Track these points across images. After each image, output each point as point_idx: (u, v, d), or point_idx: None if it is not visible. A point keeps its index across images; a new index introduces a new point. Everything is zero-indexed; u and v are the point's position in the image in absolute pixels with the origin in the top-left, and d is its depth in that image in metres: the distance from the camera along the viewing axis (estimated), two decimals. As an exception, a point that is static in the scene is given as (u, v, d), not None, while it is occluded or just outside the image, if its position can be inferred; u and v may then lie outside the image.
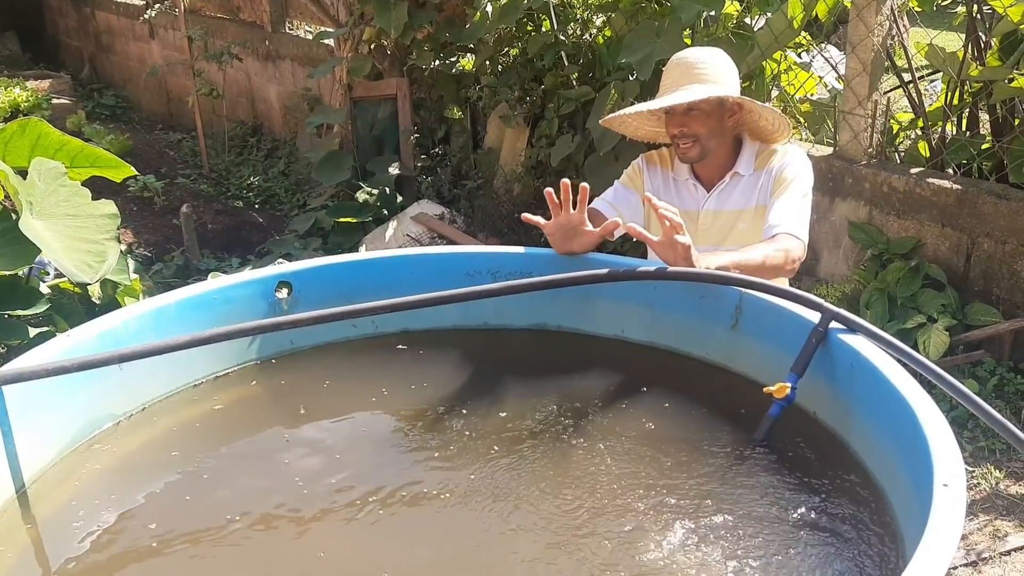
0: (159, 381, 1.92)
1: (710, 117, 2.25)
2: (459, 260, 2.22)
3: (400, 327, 2.19)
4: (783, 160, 2.29)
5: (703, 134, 2.26)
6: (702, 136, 2.26)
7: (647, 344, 2.11)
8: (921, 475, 1.34)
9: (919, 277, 3.46)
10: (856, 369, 1.65)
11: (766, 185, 2.29)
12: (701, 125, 2.25)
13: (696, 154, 2.28)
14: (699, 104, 2.23)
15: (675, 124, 2.26)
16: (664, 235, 1.92)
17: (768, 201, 2.27)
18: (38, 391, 1.64)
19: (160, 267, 5.10)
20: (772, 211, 2.22)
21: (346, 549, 1.53)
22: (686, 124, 2.25)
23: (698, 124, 2.24)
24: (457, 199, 5.39)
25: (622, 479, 1.65)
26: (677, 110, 2.25)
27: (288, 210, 6.13)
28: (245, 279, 2.09)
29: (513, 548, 1.50)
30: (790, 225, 2.16)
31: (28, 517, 1.58)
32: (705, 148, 2.28)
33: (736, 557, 1.44)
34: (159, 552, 1.52)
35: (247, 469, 1.77)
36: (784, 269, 2.08)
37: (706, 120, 2.25)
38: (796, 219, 2.19)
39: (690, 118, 2.24)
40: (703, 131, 2.25)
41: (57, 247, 2.55)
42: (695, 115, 2.24)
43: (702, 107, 2.24)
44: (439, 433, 1.83)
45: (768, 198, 2.27)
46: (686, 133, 2.25)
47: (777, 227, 2.16)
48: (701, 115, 2.25)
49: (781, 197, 2.22)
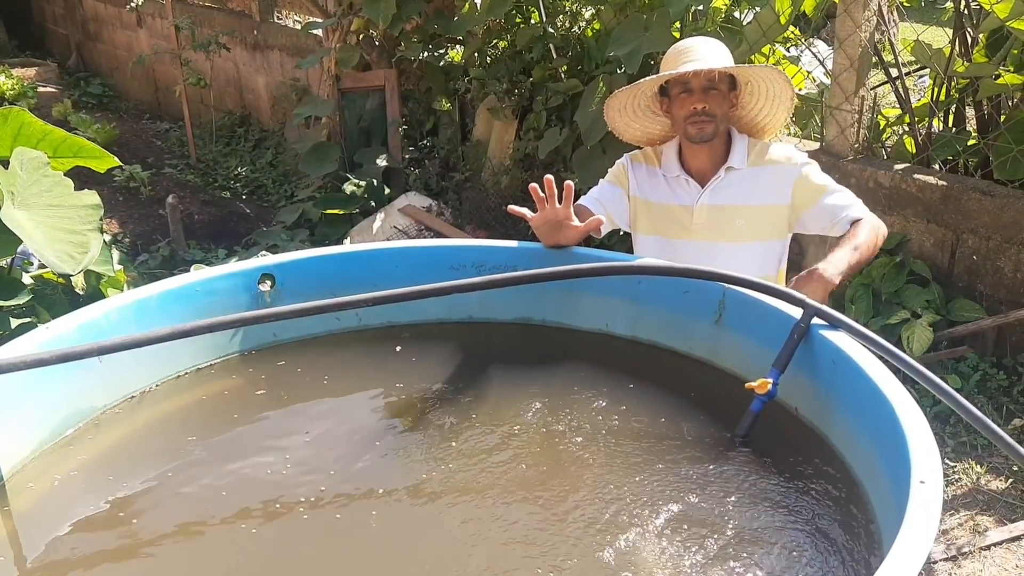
0: (140, 373, 1.91)
1: (724, 100, 2.28)
2: (444, 253, 2.22)
3: (384, 320, 2.19)
4: (788, 156, 2.30)
5: (719, 115, 2.27)
6: (718, 116, 2.26)
7: (631, 338, 2.12)
8: (899, 471, 1.35)
9: (904, 273, 3.48)
10: (837, 365, 1.66)
11: (779, 187, 2.28)
12: (718, 105, 2.26)
13: (711, 131, 2.27)
14: (719, 83, 2.24)
15: (696, 100, 2.25)
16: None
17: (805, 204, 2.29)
18: (16, 383, 1.63)
19: (146, 258, 5.07)
20: (829, 203, 2.24)
21: (327, 543, 1.53)
22: (706, 101, 2.24)
23: (716, 104, 2.25)
24: (445, 191, 5.38)
25: (604, 473, 1.65)
26: (697, 87, 2.24)
27: (275, 201, 6.10)
28: (227, 271, 2.08)
29: (493, 543, 1.50)
30: (857, 209, 2.22)
31: (6, 509, 1.57)
32: (718, 129, 2.28)
33: (716, 551, 1.45)
34: (139, 545, 1.52)
35: (228, 462, 1.76)
36: (879, 245, 2.18)
37: (723, 101, 2.27)
38: (855, 200, 2.25)
39: (710, 96, 2.24)
40: (720, 112, 2.26)
41: (39, 238, 2.53)
42: (714, 94, 2.25)
43: (721, 87, 2.26)
44: (423, 426, 1.83)
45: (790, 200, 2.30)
46: (706, 111, 2.25)
47: (850, 210, 2.21)
48: (719, 95, 2.26)
49: (827, 192, 2.26)
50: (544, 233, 2.09)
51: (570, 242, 2.10)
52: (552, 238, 2.10)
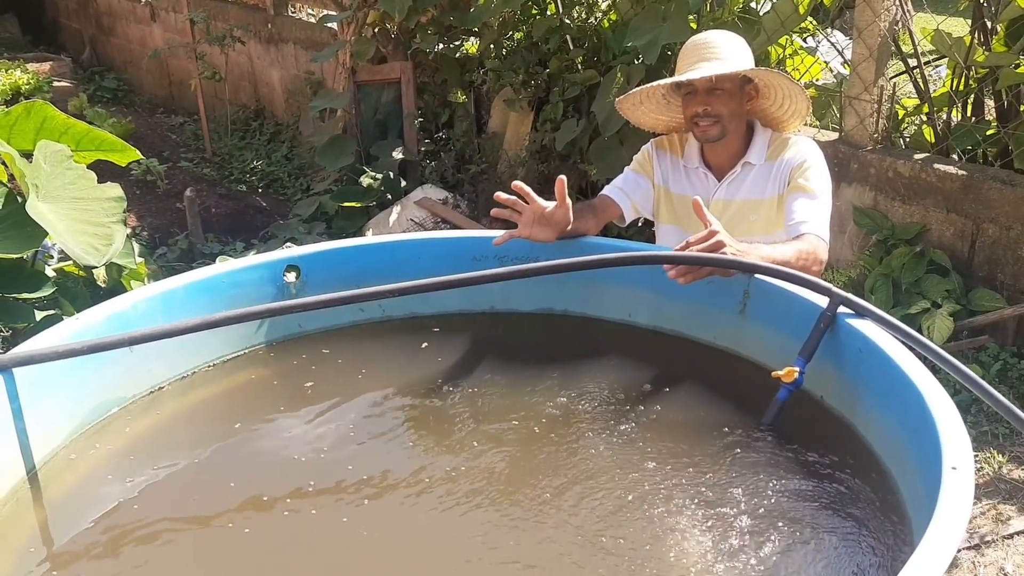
0: (168, 364, 1.93)
1: (732, 98, 2.24)
2: (466, 244, 2.22)
3: (407, 311, 2.20)
4: (799, 152, 2.27)
5: (725, 115, 2.24)
6: (724, 116, 2.24)
7: (654, 329, 2.12)
8: (929, 458, 1.35)
9: (924, 263, 3.46)
10: (864, 353, 1.66)
11: (781, 176, 2.27)
12: (724, 105, 2.23)
13: (717, 132, 2.25)
14: (723, 83, 2.21)
15: (698, 103, 2.24)
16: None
17: (786, 193, 2.25)
18: (48, 374, 1.65)
19: (164, 251, 5.09)
20: (796, 207, 2.19)
21: (353, 533, 1.54)
22: (709, 103, 2.22)
23: (721, 104, 2.23)
24: (461, 184, 5.38)
25: (628, 464, 1.65)
26: (701, 88, 2.23)
27: (292, 194, 6.12)
28: (253, 263, 2.10)
29: (515, 534, 1.51)
30: (816, 226, 2.14)
31: (38, 499, 1.59)
32: (725, 129, 2.25)
33: (743, 542, 1.45)
34: (167, 534, 1.53)
35: (255, 452, 1.78)
36: (811, 271, 2.05)
37: (729, 100, 2.23)
38: (821, 219, 2.17)
39: (714, 97, 2.22)
40: (725, 111, 2.24)
41: (63, 230, 2.55)
42: (719, 95, 2.22)
43: (726, 86, 2.22)
44: (446, 418, 1.84)
45: (784, 188, 2.26)
46: (709, 112, 2.23)
47: (804, 225, 2.14)
48: (724, 95, 2.23)
49: (805, 194, 2.20)
50: (537, 234, 2.08)
51: (564, 224, 2.09)
52: (547, 233, 2.09)
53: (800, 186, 2.21)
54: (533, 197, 2.06)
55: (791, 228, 2.16)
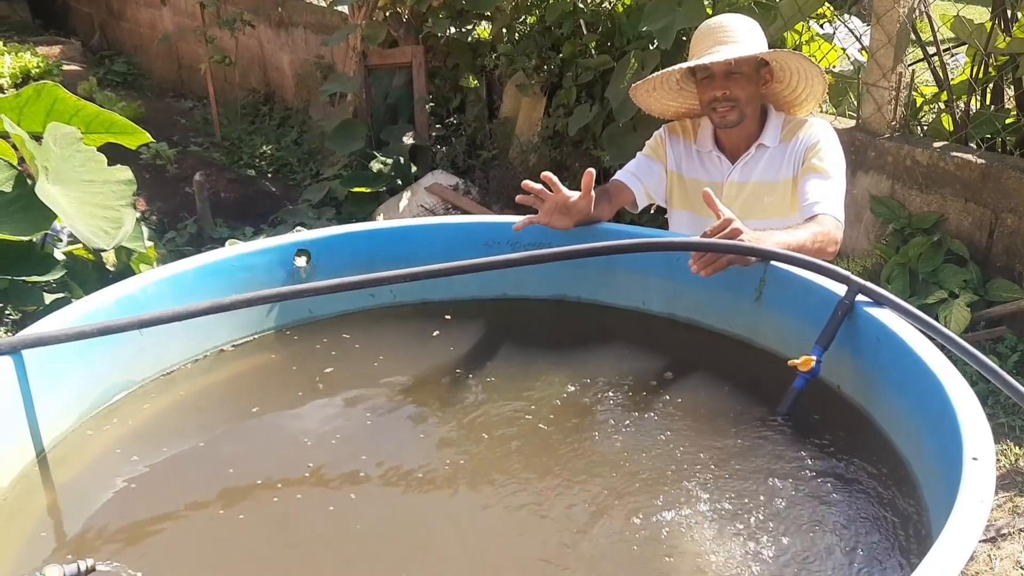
0: (178, 348, 1.91)
1: (750, 82, 2.21)
2: (479, 230, 2.20)
3: (419, 297, 2.18)
4: (814, 133, 2.24)
5: (743, 99, 2.21)
6: (741, 101, 2.21)
7: (668, 316, 2.10)
8: (949, 448, 1.33)
9: (941, 252, 3.42)
10: (882, 342, 1.63)
11: (795, 157, 2.24)
12: (742, 89, 2.20)
13: (735, 118, 2.23)
14: (741, 67, 2.19)
15: (716, 87, 2.21)
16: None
17: (800, 174, 2.22)
18: (57, 356, 1.64)
19: (173, 235, 5.09)
20: (809, 188, 2.16)
21: (365, 517, 1.53)
22: (728, 87, 2.20)
23: (739, 88, 2.20)
24: (472, 169, 5.35)
25: (640, 452, 1.63)
26: (719, 72, 2.20)
27: (301, 179, 6.10)
28: (264, 246, 2.08)
29: (528, 519, 1.49)
30: (830, 206, 2.12)
31: (47, 481, 1.58)
32: (743, 113, 2.23)
33: (756, 532, 1.43)
34: (176, 517, 1.52)
35: (265, 436, 1.77)
36: (827, 252, 2.03)
37: (746, 84, 2.21)
38: (835, 200, 2.15)
39: (732, 81, 2.20)
40: (743, 95, 2.21)
41: (73, 213, 2.54)
42: (736, 78, 2.20)
43: (744, 70, 2.20)
44: (458, 404, 1.82)
45: (798, 169, 2.23)
46: (728, 96, 2.20)
47: (818, 205, 2.11)
48: (742, 79, 2.20)
49: (819, 175, 2.17)
50: (556, 222, 2.08)
51: (584, 215, 2.08)
52: (565, 222, 2.08)
53: (814, 167, 2.19)
54: (559, 187, 2.06)
55: (805, 209, 2.13)
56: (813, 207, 2.11)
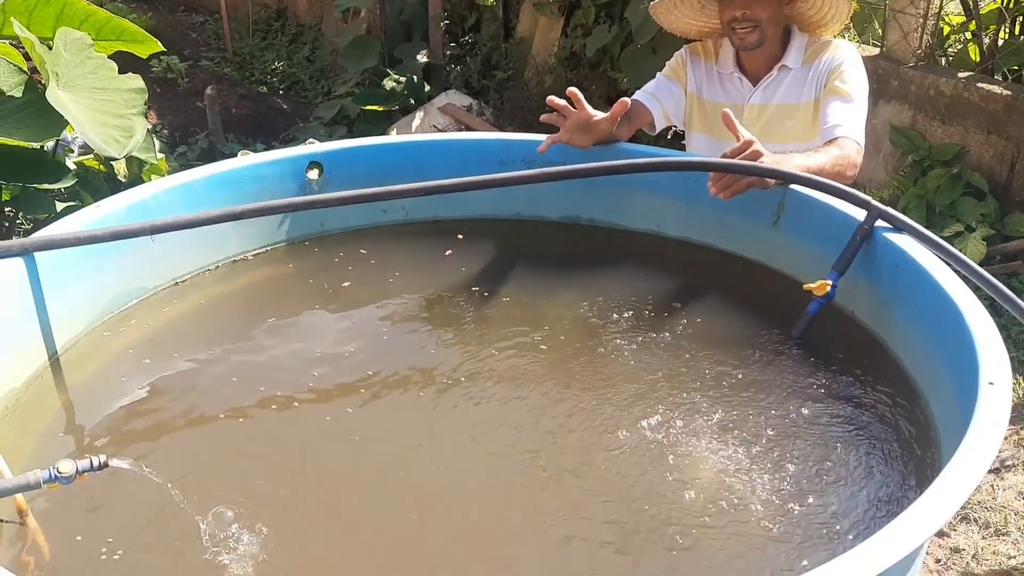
0: (188, 257, 1.91)
1: (771, 1, 2.15)
2: (493, 147, 2.17)
3: (431, 215, 2.16)
4: (839, 55, 2.18)
5: (764, 19, 2.15)
6: (763, 21, 2.15)
7: (683, 239, 2.08)
8: (965, 374, 1.32)
9: (960, 185, 3.38)
10: (900, 269, 1.61)
11: (817, 79, 2.19)
12: (763, 9, 2.14)
13: (755, 39, 2.17)
14: None
15: (736, 6, 2.15)
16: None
17: (822, 96, 2.17)
18: (69, 260, 1.63)
19: (184, 150, 5.05)
20: (831, 110, 2.12)
21: (367, 426, 1.54)
22: (748, 7, 2.14)
23: (760, 8, 2.14)
24: (486, 90, 5.27)
25: (651, 372, 1.63)
26: None
27: (313, 97, 6.02)
28: (275, 157, 2.06)
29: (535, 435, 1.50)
30: (851, 129, 2.08)
31: (60, 384, 1.60)
32: (764, 34, 2.17)
33: (766, 458, 1.43)
34: (184, 423, 1.54)
35: (273, 347, 1.76)
36: (846, 176, 2.00)
37: (768, 4, 2.14)
38: (856, 123, 2.10)
39: (753, 1, 2.14)
40: (764, 16, 2.15)
41: (84, 120, 2.50)
42: None
43: None
44: (468, 323, 1.82)
45: (821, 92, 2.18)
46: (748, 16, 2.15)
47: (839, 128, 2.07)
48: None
49: (841, 97, 2.13)
50: (576, 140, 2.06)
51: (604, 136, 2.07)
52: (586, 140, 2.06)
53: (836, 89, 2.14)
54: (584, 104, 2.04)
55: (825, 132, 2.09)
56: (834, 130, 2.07)
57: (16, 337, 1.54)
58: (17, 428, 1.47)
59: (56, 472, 1.14)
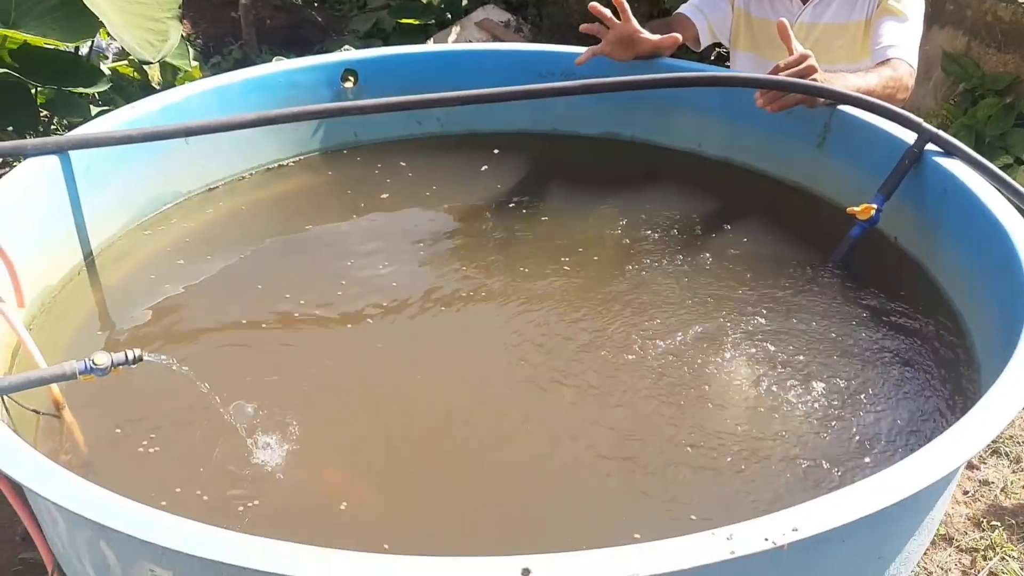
0: (223, 163, 1.90)
1: None
2: (533, 58, 2.12)
3: (467, 128, 2.12)
4: None
5: None
6: None
7: (724, 160, 2.03)
8: (1011, 301, 1.29)
9: (1012, 116, 3.26)
10: (949, 194, 1.57)
11: (867, 1, 2.10)
12: None
13: None
14: None
15: None
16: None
17: (875, 16, 2.09)
18: (105, 159, 1.63)
19: (218, 60, 4.99)
20: (884, 30, 2.04)
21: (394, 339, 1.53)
22: None
23: None
24: (525, 6, 5.14)
25: (687, 296, 1.61)
26: None
27: (348, 10, 5.90)
28: (311, 63, 2.03)
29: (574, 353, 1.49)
30: (904, 51, 2.00)
31: (96, 282, 1.61)
32: None
33: (803, 373, 1.42)
34: (219, 320, 1.56)
35: (304, 255, 1.77)
36: (896, 99, 1.93)
37: None
38: (910, 44, 2.02)
39: None
40: None
41: (118, 22, 2.47)
42: None
43: None
44: (496, 235, 1.81)
45: (873, 12, 2.10)
46: None
47: (891, 49, 1.99)
48: None
49: (895, 17, 2.04)
50: (618, 52, 2.00)
51: (647, 54, 2.01)
52: (627, 53, 2.01)
53: (890, 8, 2.05)
54: (629, 16, 1.97)
55: (878, 52, 2.01)
56: (887, 51, 1.99)
57: (51, 236, 1.55)
58: (53, 324, 1.48)
59: (91, 364, 1.14)
